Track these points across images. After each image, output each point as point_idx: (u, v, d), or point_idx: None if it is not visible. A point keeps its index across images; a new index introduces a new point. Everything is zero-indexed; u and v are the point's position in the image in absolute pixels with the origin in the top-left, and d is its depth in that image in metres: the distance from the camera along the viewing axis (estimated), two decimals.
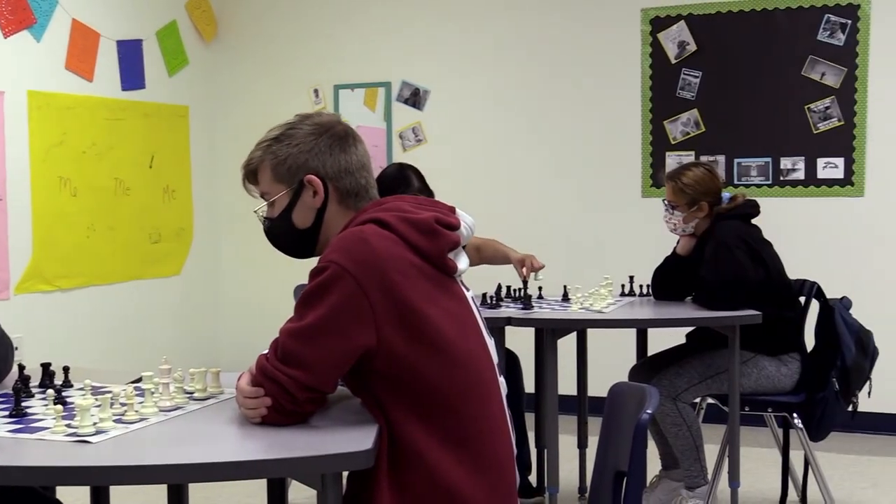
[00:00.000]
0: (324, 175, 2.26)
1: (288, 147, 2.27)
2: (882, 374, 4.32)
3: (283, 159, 2.26)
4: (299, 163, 2.26)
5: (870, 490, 4.76)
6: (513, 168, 6.45)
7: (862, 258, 5.79)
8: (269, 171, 2.29)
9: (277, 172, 2.28)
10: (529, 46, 6.38)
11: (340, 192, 2.27)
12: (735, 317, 3.92)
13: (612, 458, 2.19)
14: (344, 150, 2.28)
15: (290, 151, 2.26)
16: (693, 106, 6.05)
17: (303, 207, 2.28)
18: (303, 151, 2.26)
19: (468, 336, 2.20)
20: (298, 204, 2.28)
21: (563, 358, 3.92)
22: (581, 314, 4.01)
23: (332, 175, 2.26)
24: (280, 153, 2.27)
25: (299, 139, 2.27)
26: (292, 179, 2.27)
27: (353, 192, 2.28)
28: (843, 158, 5.80)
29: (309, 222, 2.29)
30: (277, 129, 2.31)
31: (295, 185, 2.27)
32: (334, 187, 2.27)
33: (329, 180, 2.26)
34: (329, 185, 2.26)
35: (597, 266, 5.88)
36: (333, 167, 2.26)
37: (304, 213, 2.28)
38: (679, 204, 4.24)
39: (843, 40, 5.76)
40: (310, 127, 2.29)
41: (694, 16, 6.03)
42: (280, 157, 2.27)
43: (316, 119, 2.31)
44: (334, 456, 1.91)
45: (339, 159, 2.27)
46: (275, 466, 1.95)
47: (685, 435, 4.06)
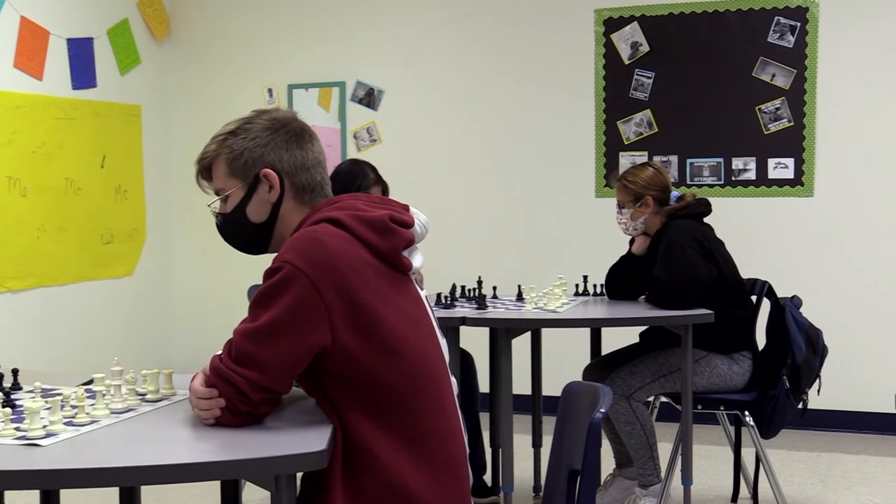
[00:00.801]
0: (280, 170, 2.25)
1: (244, 141, 2.25)
2: (831, 372, 4.38)
3: (239, 153, 2.25)
4: (255, 157, 2.24)
5: (819, 486, 4.83)
6: (467, 168, 6.46)
7: (812, 257, 5.86)
8: (225, 165, 2.27)
9: (233, 167, 2.26)
10: (483, 47, 6.40)
11: (296, 188, 2.26)
12: (687, 316, 3.95)
13: (566, 457, 2.20)
14: (300, 146, 2.27)
15: (246, 145, 2.24)
16: (646, 106, 6.10)
17: (258, 202, 2.26)
18: (259, 146, 2.24)
19: (422, 335, 2.20)
20: (254, 198, 2.26)
21: (517, 357, 3.93)
22: (535, 314, 4.02)
23: (288, 170, 2.25)
24: (236, 147, 2.25)
25: (255, 133, 2.25)
26: (248, 174, 2.25)
27: (309, 188, 2.27)
28: (793, 159, 5.87)
29: (264, 217, 2.27)
30: (233, 124, 2.29)
31: (251, 179, 2.25)
32: (290, 182, 2.26)
33: (285, 175, 2.25)
34: (285, 181, 2.25)
35: (551, 266, 5.91)
36: (290, 162, 2.25)
37: (259, 207, 2.26)
38: (625, 201, 4.29)
39: (792, 42, 5.83)
40: (266, 122, 2.28)
41: (647, 17, 6.07)
42: (236, 151, 2.25)
43: (273, 114, 2.30)
44: (288, 457, 1.90)
45: (295, 155, 2.26)
46: (228, 468, 1.94)
47: (639, 434, 4.09)
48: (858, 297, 5.78)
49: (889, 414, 5.69)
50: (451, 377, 2.29)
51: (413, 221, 2.28)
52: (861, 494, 4.69)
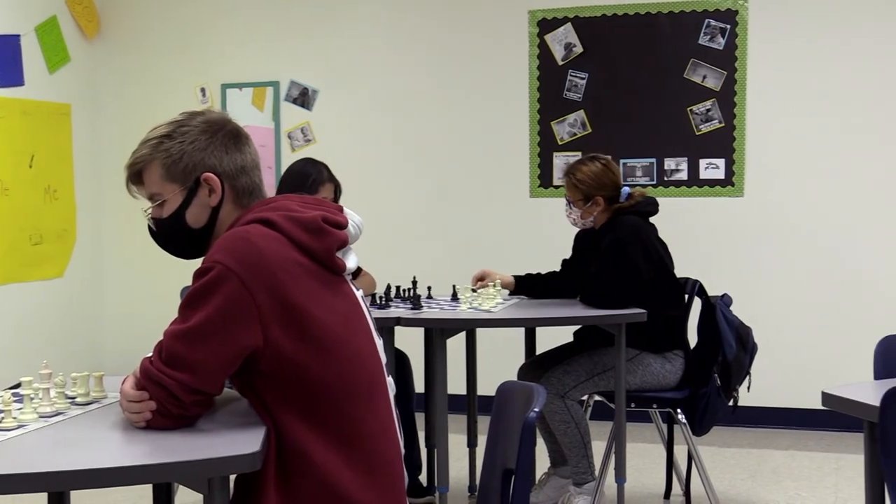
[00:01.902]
0: (221, 173, 2.22)
1: (182, 144, 2.21)
2: (761, 370, 4.44)
3: (178, 157, 2.20)
4: (195, 161, 2.21)
5: (749, 481, 4.90)
6: (401, 168, 6.45)
7: (742, 256, 5.95)
8: (161, 169, 2.22)
9: (171, 171, 2.22)
10: (418, 47, 6.40)
11: (236, 191, 2.24)
12: (621, 315, 3.99)
13: (501, 456, 2.21)
14: (238, 148, 2.25)
15: (185, 149, 2.20)
16: (580, 107, 6.14)
17: (198, 206, 2.23)
18: (198, 149, 2.21)
19: (357, 335, 2.19)
20: (194, 203, 2.23)
21: (452, 357, 3.93)
22: (470, 314, 4.03)
23: (228, 173, 2.23)
24: (173, 151, 2.21)
25: (193, 136, 2.22)
26: (187, 178, 2.21)
27: (248, 190, 2.25)
28: (723, 159, 5.95)
29: (203, 222, 2.24)
30: (165, 127, 2.25)
31: (190, 183, 2.21)
32: (230, 186, 2.23)
33: (226, 178, 2.23)
34: (226, 184, 2.23)
35: (485, 266, 5.91)
36: (230, 166, 2.23)
37: (198, 212, 2.23)
38: (575, 200, 4.30)
39: (722, 44, 5.91)
40: (201, 124, 2.24)
41: (580, 18, 6.11)
42: (174, 155, 2.21)
43: (206, 116, 2.27)
44: (220, 459, 1.89)
45: (234, 158, 2.24)
46: (159, 471, 1.91)
47: (573, 432, 4.12)
48: (787, 295, 5.88)
49: (816, 410, 5.75)
50: (387, 378, 2.28)
51: (347, 222, 2.27)
52: (789, 489, 4.77)
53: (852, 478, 4.87)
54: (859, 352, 3.70)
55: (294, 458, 2.06)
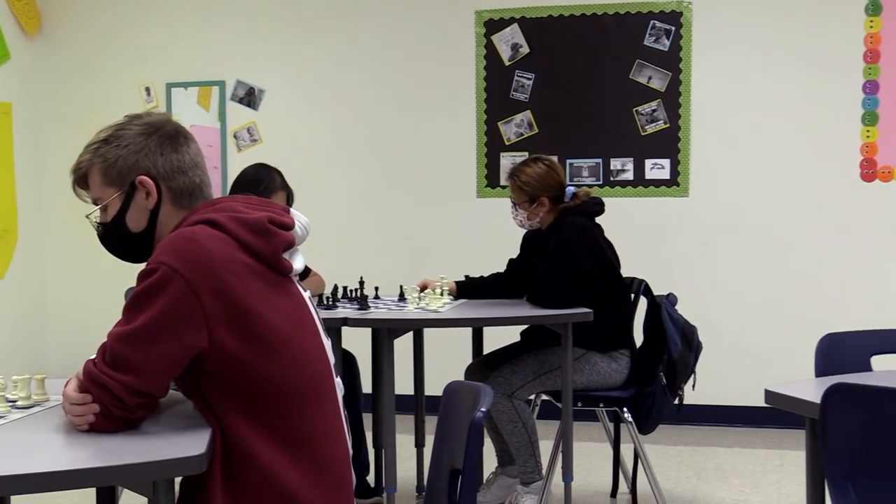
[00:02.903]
0: (155, 175, 2.20)
1: (117, 149, 2.20)
2: (706, 368, 4.48)
3: (113, 161, 2.20)
4: (129, 164, 2.20)
5: (694, 479, 4.95)
6: (349, 169, 6.44)
7: (687, 256, 6.01)
8: (99, 174, 2.22)
9: (108, 175, 2.21)
10: (365, 47, 6.38)
11: (174, 192, 2.22)
12: (567, 315, 4.00)
13: (448, 456, 2.20)
14: (175, 149, 2.23)
15: (120, 153, 2.20)
16: (526, 107, 6.16)
17: (136, 210, 2.22)
18: (132, 152, 2.20)
19: (304, 336, 2.18)
20: (132, 206, 2.22)
21: (399, 358, 3.93)
22: (417, 314, 4.03)
23: (164, 175, 2.21)
24: (109, 155, 2.20)
25: (129, 140, 2.21)
26: (123, 182, 2.21)
27: (188, 191, 2.24)
28: (669, 160, 6.01)
29: (143, 225, 2.23)
30: (106, 131, 2.24)
31: (126, 187, 2.21)
32: (167, 187, 2.22)
33: (161, 180, 2.21)
34: (162, 186, 2.21)
35: (433, 266, 5.91)
36: (165, 167, 2.21)
37: (137, 215, 2.22)
38: (520, 202, 4.31)
39: (667, 46, 5.96)
40: (139, 127, 2.23)
41: (526, 19, 6.13)
42: (109, 159, 2.20)
43: (145, 119, 2.26)
44: (165, 462, 1.87)
45: (170, 158, 2.22)
46: (103, 474, 1.89)
47: (521, 431, 4.13)
48: (731, 294, 5.95)
49: (760, 408, 5.83)
50: (335, 378, 2.27)
51: (293, 223, 2.26)
52: (734, 486, 4.83)
53: (795, 473, 4.94)
54: (802, 350, 3.75)
55: (240, 459, 2.05)
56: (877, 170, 5.78)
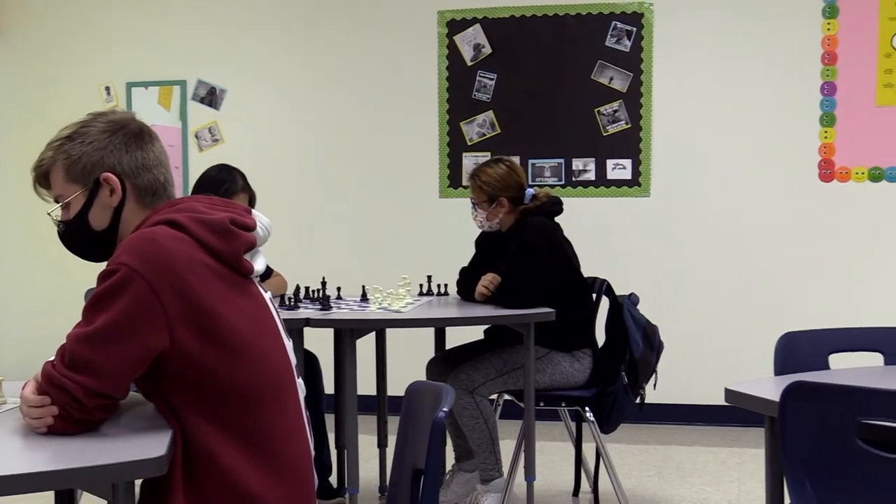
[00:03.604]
0: (120, 172, 2.19)
1: (81, 145, 2.18)
2: (667, 367, 4.51)
3: (77, 158, 2.18)
4: (94, 161, 2.18)
5: (655, 477, 4.98)
6: (310, 169, 6.42)
7: (648, 256, 6.04)
8: (62, 171, 2.20)
9: (71, 172, 2.19)
10: (326, 46, 6.37)
11: (138, 190, 2.21)
12: (529, 314, 4.02)
13: (410, 456, 2.20)
14: (140, 146, 2.22)
15: (84, 150, 2.18)
16: (489, 108, 6.17)
17: (99, 207, 2.20)
18: (97, 149, 2.18)
19: (265, 337, 2.18)
20: (95, 204, 2.20)
21: (362, 358, 3.92)
22: (379, 314, 4.02)
23: (128, 172, 2.20)
24: (73, 152, 2.18)
25: (93, 137, 2.19)
26: (87, 179, 2.19)
27: (152, 189, 2.22)
28: (630, 160, 6.04)
29: (106, 223, 2.21)
30: (69, 128, 2.22)
31: (90, 184, 2.19)
32: (132, 185, 2.20)
33: (126, 178, 2.19)
34: (126, 183, 2.20)
35: (395, 266, 5.91)
36: (130, 164, 2.20)
37: (100, 213, 2.20)
38: (480, 202, 4.32)
39: (629, 47, 5.99)
40: (103, 124, 2.21)
41: (489, 19, 6.14)
42: (73, 156, 2.18)
43: (110, 117, 2.24)
44: (125, 464, 1.85)
45: (135, 156, 2.20)
46: (62, 477, 1.87)
47: (482, 428, 4.14)
48: (691, 294, 5.99)
49: (720, 406, 5.87)
50: (297, 379, 2.27)
51: (255, 224, 2.26)
52: (694, 485, 4.86)
53: (754, 471, 4.98)
54: (761, 348, 3.78)
55: (201, 461, 2.04)
56: (834, 170, 5.84)
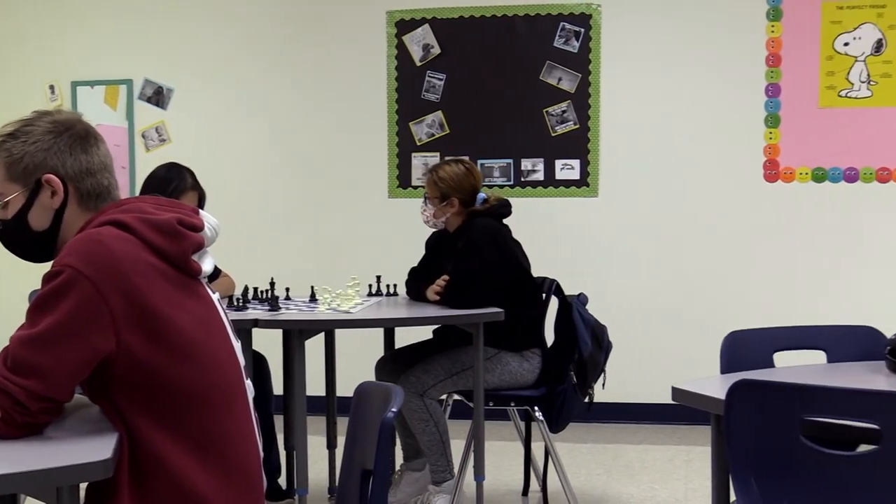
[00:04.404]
0: (63, 175, 2.16)
1: (24, 145, 2.15)
2: (615, 367, 4.54)
3: (19, 157, 2.15)
4: (37, 162, 2.15)
5: (604, 476, 5.01)
6: (259, 169, 6.38)
7: (596, 256, 6.08)
8: (3, 169, 2.17)
9: (12, 171, 2.16)
10: (275, 46, 6.34)
11: (81, 194, 2.18)
12: (478, 315, 4.03)
13: (359, 457, 2.20)
14: (85, 150, 2.19)
15: (27, 149, 2.15)
16: (438, 108, 6.18)
17: (40, 208, 2.17)
18: (40, 150, 2.15)
19: (213, 338, 2.16)
20: (35, 204, 2.17)
21: (310, 359, 3.91)
22: (328, 315, 4.01)
23: (72, 175, 2.17)
24: (15, 151, 2.15)
25: (37, 137, 2.16)
26: (28, 179, 2.16)
27: (95, 193, 2.20)
28: (578, 160, 6.07)
29: (46, 224, 2.18)
30: (12, 126, 2.19)
31: (31, 184, 2.16)
32: (74, 188, 2.18)
33: (69, 181, 2.17)
34: (69, 186, 2.17)
35: (344, 267, 5.90)
36: (74, 167, 2.17)
37: (40, 214, 2.18)
38: (432, 197, 4.33)
39: (577, 47, 6.03)
40: (48, 124, 2.18)
41: (438, 19, 6.15)
42: (15, 155, 2.15)
43: (55, 116, 2.21)
44: (70, 468, 1.83)
45: (79, 159, 2.18)
46: (4, 482, 1.84)
47: (432, 431, 4.14)
48: (640, 293, 6.04)
49: (667, 405, 5.93)
50: (246, 381, 2.26)
51: (203, 225, 2.24)
52: (643, 483, 4.90)
53: (701, 469, 5.03)
54: (708, 347, 3.82)
55: (148, 464, 2.02)
56: (779, 171, 5.92)
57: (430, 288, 4.29)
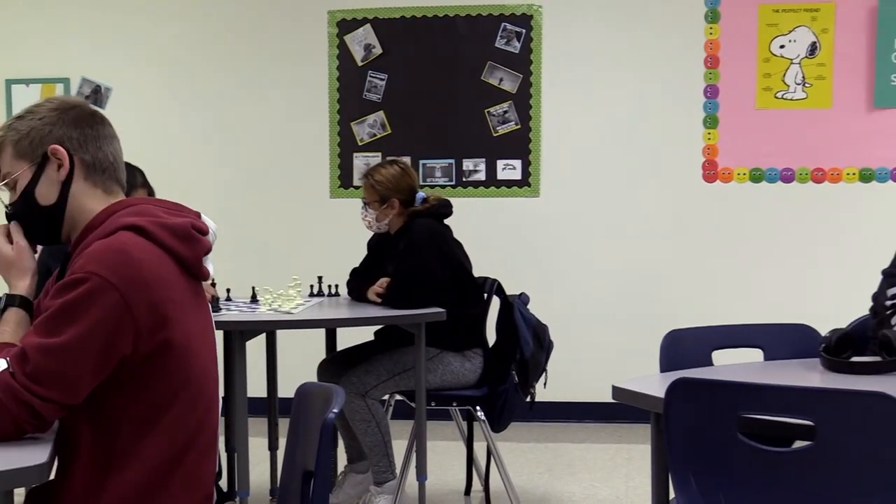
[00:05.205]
0: (69, 147, 2.14)
1: (30, 121, 2.14)
2: (556, 366, 4.56)
3: (26, 133, 2.13)
4: (42, 134, 2.13)
5: (546, 475, 5.03)
6: (199, 169, 6.33)
7: (538, 256, 6.10)
8: (11, 148, 2.15)
9: (19, 147, 2.14)
10: (216, 45, 6.29)
11: (87, 166, 2.15)
12: (420, 315, 4.03)
13: (300, 458, 2.19)
14: (91, 125, 2.18)
15: (33, 125, 2.14)
16: (379, 108, 6.17)
17: (47, 182, 2.14)
18: (46, 123, 2.14)
19: (208, 348, 2.17)
20: (42, 178, 2.14)
21: (252, 360, 3.89)
22: (270, 315, 3.99)
23: (77, 146, 2.14)
24: (21, 128, 2.14)
25: (43, 113, 2.16)
26: (35, 152, 2.13)
27: (101, 167, 2.17)
28: (520, 160, 6.10)
29: (53, 198, 2.14)
30: (20, 111, 2.19)
31: (38, 158, 2.13)
32: (80, 159, 2.14)
33: (74, 152, 2.14)
34: (75, 157, 2.14)
35: (286, 267, 5.86)
36: (79, 139, 2.15)
37: (48, 187, 2.14)
38: (371, 201, 4.33)
39: (518, 48, 6.05)
40: (55, 103, 2.18)
41: (379, 19, 6.14)
42: (22, 131, 2.14)
43: (62, 98, 2.23)
44: (5, 472, 1.79)
45: (85, 132, 2.16)
46: None
47: (374, 431, 4.13)
48: (581, 293, 6.08)
49: (608, 403, 5.96)
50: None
51: (208, 229, 2.24)
52: (584, 481, 4.93)
53: (642, 467, 5.07)
54: (648, 346, 3.85)
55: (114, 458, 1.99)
56: (717, 171, 5.99)
57: (371, 289, 4.28)
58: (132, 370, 1.99)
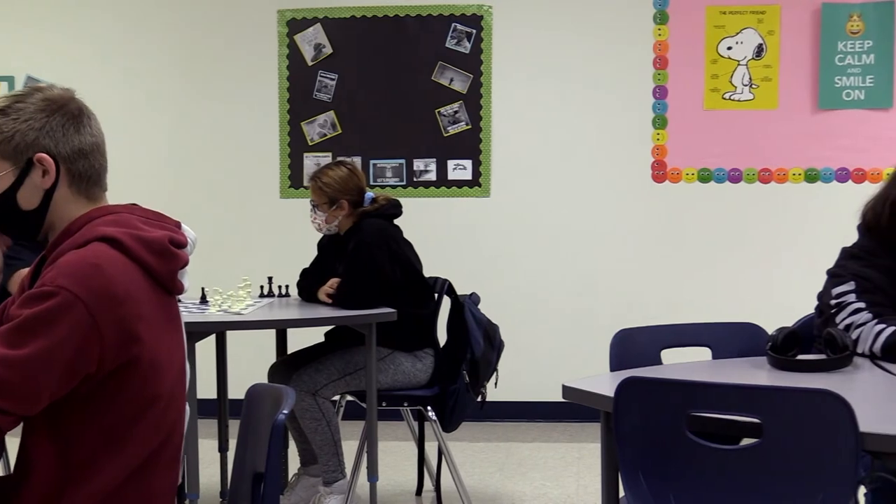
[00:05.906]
0: (56, 156, 2.07)
1: (15, 122, 2.05)
2: (507, 365, 4.58)
3: (10, 136, 2.05)
4: (28, 140, 2.05)
5: (497, 474, 5.05)
6: (150, 168, 6.26)
7: (488, 256, 6.12)
8: None
9: (2, 149, 2.06)
10: (165, 44, 6.23)
11: (72, 175, 2.09)
12: (370, 315, 4.03)
13: (251, 460, 2.18)
14: (78, 129, 2.10)
15: (18, 127, 2.05)
16: (330, 108, 6.15)
17: (30, 187, 2.07)
18: (32, 129, 2.05)
19: (177, 364, 2.12)
20: (26, 183, 2.06)
21: (202, 361, 3.86)
22: (219, 316, 3.97)
23: (64, 157, 2.08)
24: (6, 128, 2.05)
25: (28, 115, 2.06)
26: (19, 158, 2.06)
27: (86, 176, 2.11)
28: (471, 161, 6.11)
29: (35, 203, 2.08)
30: (2, 101, 2.09)
31: (22, 163, 2.06)
32: (66, 169, 2.08)
33: (62, 161, 2.08)
34: (61, 167, 2.08)
35: (235, 268, 5.83)
36: (66, 148, 2.08)
37: (31, 193, 2.07)
38: (320, 203, 4.32)
39: (469, 48, 6.06)
40: (40, 102, 2.08)
41: (329, 19, 6.12)
42: (6, 132, 2.05)
43: (47, 93, 2.12)
44: None
45: (72, 140, 2.09)
46: None
47: (324, 430, 4.13)
48: (531, 293, 6.10)
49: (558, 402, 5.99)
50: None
51: (187, 241, 2.19)
52: (535, 480, 4.95)
53: (593, 465, 5.11)
54: (599, 345, 3.87)
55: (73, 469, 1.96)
56: (667, 171, 6.04)
57: (321, 289, 4.27)
58: (96, 386, 1.95)
